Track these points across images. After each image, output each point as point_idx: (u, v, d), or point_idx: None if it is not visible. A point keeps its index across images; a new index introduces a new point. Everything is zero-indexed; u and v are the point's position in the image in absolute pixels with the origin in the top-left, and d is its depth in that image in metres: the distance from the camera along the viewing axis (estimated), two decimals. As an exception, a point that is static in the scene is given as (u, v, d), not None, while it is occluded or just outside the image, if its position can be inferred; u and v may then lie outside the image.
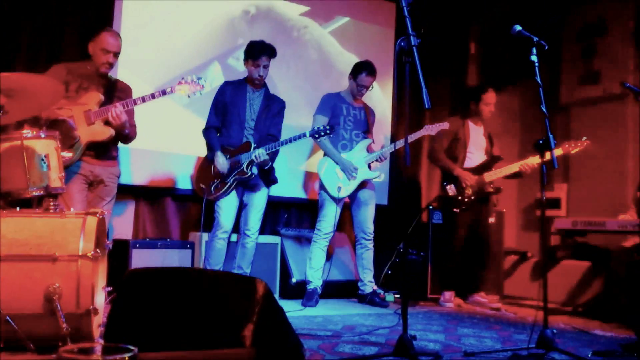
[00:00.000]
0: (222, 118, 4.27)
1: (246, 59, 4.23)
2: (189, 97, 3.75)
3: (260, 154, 4.01)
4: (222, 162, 4.10)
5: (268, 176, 4.31)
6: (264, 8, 5.37)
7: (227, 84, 4.34)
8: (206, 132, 4.27)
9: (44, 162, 2.74)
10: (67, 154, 3.41)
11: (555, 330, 2.90)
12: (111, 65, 3.75)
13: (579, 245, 5.31)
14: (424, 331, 3.50)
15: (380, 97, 5.86)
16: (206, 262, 4.24)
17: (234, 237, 4.43)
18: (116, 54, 3.73)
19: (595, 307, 4.64)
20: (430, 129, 4.65)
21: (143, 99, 3.60)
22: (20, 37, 4.31)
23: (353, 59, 4.74)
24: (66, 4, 4.48)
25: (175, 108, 4.74)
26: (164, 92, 3.63)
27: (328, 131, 4.10)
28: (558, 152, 4.53)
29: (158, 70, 4.75)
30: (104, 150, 3.73)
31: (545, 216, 3.24)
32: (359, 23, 5.93)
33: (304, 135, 4.10)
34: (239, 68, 4.87)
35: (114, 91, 3.79)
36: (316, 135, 4.12)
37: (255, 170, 4.13)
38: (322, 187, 4.59)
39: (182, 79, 3.72)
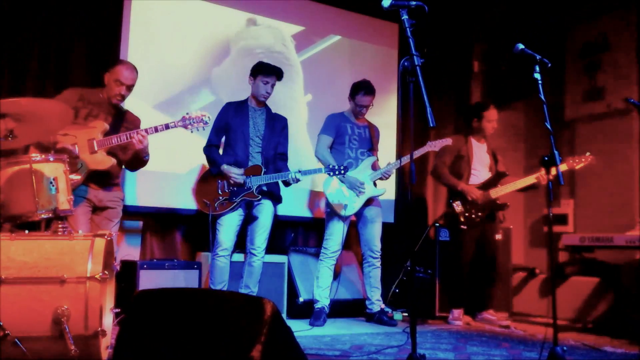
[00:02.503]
0: (226, 137, 4.32)
1: (255, 76, 4.29)
2: (191, 132, 3.77)
3: (298, 176, 4.12)
4: (235, 171, 4.14)
5: (274, 195, 4.34)
6: (263, 28, 5.44)
7: (229, 104, 4.39)
8: (207, 149, 4.32)
9: (53, 185, 2.76)
10: (76, 177, 3.44)
11: (565, 348, 2.88)
12: (123, 98, 3.79)
13: (587, 261, 5.28)
14: (432, 350, 3.48)
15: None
16: (210, 282, 4.24)
17: (240, 257, 4.44)
18: (130, 87, 3.78)
19: (605, 324, 4.60)
20: (433, 145, 4.66)
21: (155, 129, 3.64)
22: (29, 62, 4.37)
23: (357, 79, 4.78)
24: (74, 28, 4.55)
25: (179, 129, 4.77)
26: (167, 126, 3.67)
27: (343, 171, 4.20)
28: (562, 167, 4.53)
29: (158, 90, 4.82)
30: (107, 179, 3.75)
31: (553, 232, 3.24)
32: (363, 44, 5.98)
33: (320, 171, 4.25)
34: (236, 84, 4.98)
35: (122, 122, 3.83)
36: (330, 173, 4.24)
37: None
38: (328, 205, 4.61)
39: (187, 114, 3.75)
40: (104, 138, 3.60)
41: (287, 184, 4.26)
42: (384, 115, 5.82)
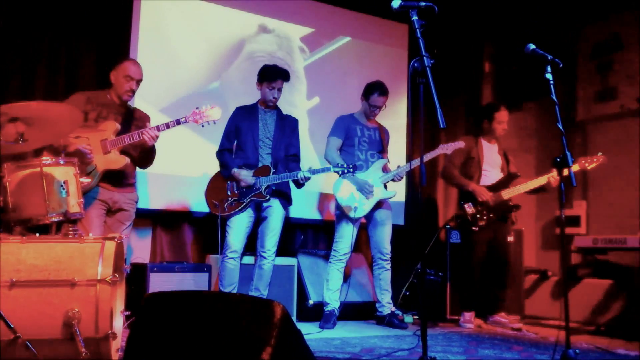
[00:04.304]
0: (237, 140, 4.33)
1: (261, 82, 4.30)
2: (202, 126, 3.79)
3: (307, 174, 4.11)
4: (245, 174, 4.15)
5: (284, 196, 4.34)
6: (273, 30, 5.45)
7: (239, 109, 4.41)
8: (219, 154, 4.33)
9: (63, 188, 2.78)
10: (86, 180, 3.46)
11: (578, 351, 2.85)
12: (133, 93, 3.83)
13: (600, 263, 5.23)
14: (444, 353, 3.45)
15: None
16: (220, 284, 4.25)
17: (250, 260, 4.43)
18: (138, 82, 3.82)
19: (618, 326, 4.55)
20: (445, 148, 4.63)
21: (167, 126, 3.67)
22: (38, 65, 4.40)
23: (367, 80, 4.77)
24: (83, 32, 4.58)
25: (189, 132, 4.79)
26: (178, 122, 3.69)
27: (351, 170, 4.19)
28: (574, 168, 4.49)
29: (167, 94, 4.85)
30: (122, 178, 3.78)
31: (565, 234, 3.21)
32: (372, 45, 5.97)
33: (328, 169, 4.22)
34: (242, 89, 5.02)
35: (132, 119, 3.86)
36: (340, 172, 4.22)
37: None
38: (338, 207, 4.59)
39: (197, 108, 3.76)
40: (117, 138, 3.62)
41: (298, 184, 4.26)
42: (394, 116, 5.80)
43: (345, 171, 4.20)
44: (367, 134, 4.70)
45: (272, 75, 4.25)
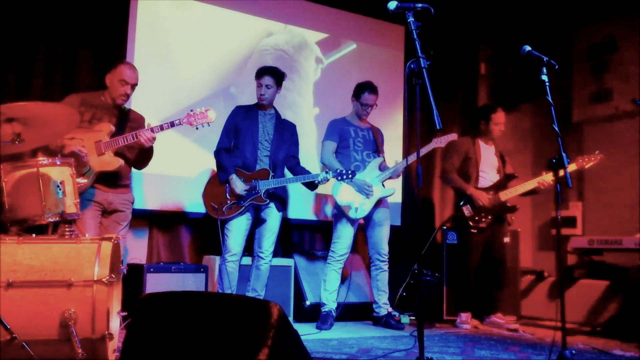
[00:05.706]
0: (235, 140, 4.33)
1: (255, 80, 4.33)
2: (197, 128, 3.79)
3: (328, 177, 4.18)
4: (239, 185, 4.14)
5: (281, 199, 4.35)
6: (275, 36, 5.45)
7: (238, 108, 4.41)
8: (217, 153, 4.32)
9: (60, 189, 2.77)
10: (82, 180, 3.45)
11: (574, 351, 2.86)
12: (128, 97, 3.82)
13: (595, 264, 5.24)
14: (440, 354, 3.46)
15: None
16: (219, 286, 4.24)
17: (247, 260, 4.44)
18: (133, 86, 3.81)
19: (614, 327, 4.56)
20: (439, 142, 4.64)
21: (160, 128, 3.66)
22: (35, 66, 4.40)
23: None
24: (80, 34, 4.57)
25: (186, 132, 4.78)
26: (172, 124, 3.68)
27: (350, 176, 4.20)
28: (572, 167, 4.51)
29: (165, 100, 4.83)
30: (117, 179, 3.77)
31: (561, 235, 3.22)
32: (369, 46, 5.98)
33: (329, 174, 4.22)
34: (239, 97, 5.05)
35: (127, 121, 3.85)
36: (339, 178, 4.23)
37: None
38: (337, 208, 4.59)
39: (192, 110, 3.76)
40: (111, 140, 3.62)
41: (312, 186, 4.31)
42: (391, 117, 5.81)
43: (345, 177, 4.21)
44: (361, 134, 4.71)
45: (260, 72, 4.30)
